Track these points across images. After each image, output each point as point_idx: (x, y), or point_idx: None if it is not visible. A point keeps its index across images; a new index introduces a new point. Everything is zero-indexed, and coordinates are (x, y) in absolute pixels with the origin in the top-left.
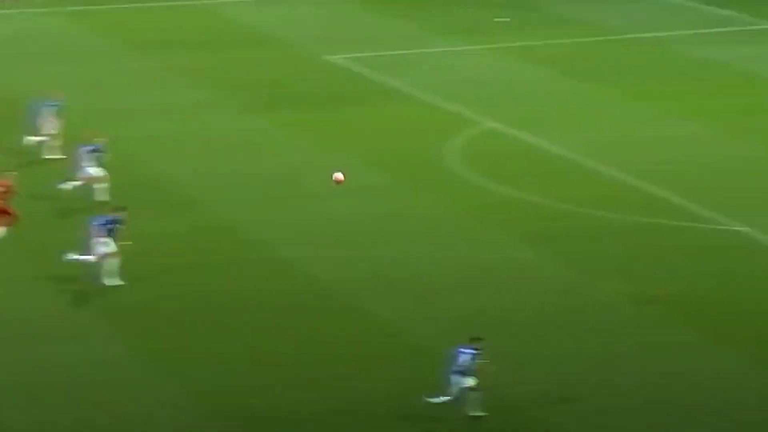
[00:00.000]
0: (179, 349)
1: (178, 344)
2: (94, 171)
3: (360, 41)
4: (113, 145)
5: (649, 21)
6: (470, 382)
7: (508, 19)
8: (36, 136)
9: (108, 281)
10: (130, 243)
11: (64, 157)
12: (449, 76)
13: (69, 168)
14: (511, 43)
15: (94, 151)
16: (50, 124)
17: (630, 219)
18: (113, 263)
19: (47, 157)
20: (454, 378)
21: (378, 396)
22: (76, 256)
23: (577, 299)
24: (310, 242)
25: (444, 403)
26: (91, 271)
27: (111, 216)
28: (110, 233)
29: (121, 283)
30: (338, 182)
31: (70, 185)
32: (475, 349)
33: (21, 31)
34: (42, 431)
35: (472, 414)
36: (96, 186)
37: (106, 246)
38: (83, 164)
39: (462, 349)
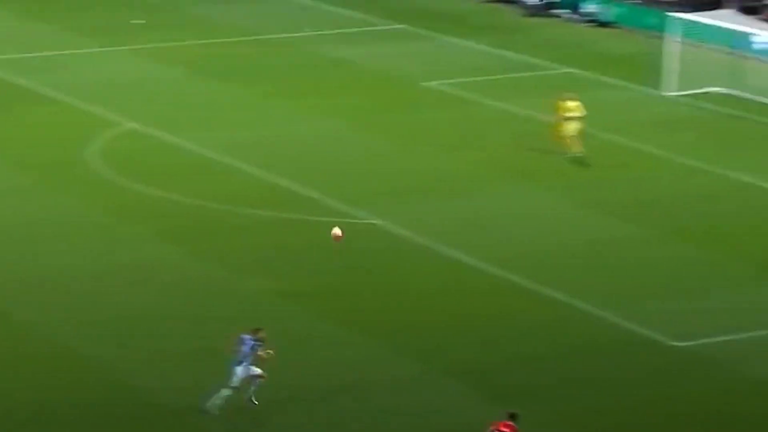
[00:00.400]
0: None
1: None
2: None
3: None
4: None
5: (283, 22)
6: (255, 370)
7: (144, 21)
8: None
9: None
10: None
11: None
12: (88, 77)
13: None
14: (148, 44)
15: None
16: None
17: (270, 215)
18: None
19: None
20: (236, 368)
21: (27, 400)
22: None
23: (220, 294)
24: None
25: (224, 397)
26: None
27: None
28: None
29: None
30: (336, 238)
31: None
32: (257, 339)
33: None
34: None
35: (253, 400)
36: None
37: None
38: None
39: (244, 339)
